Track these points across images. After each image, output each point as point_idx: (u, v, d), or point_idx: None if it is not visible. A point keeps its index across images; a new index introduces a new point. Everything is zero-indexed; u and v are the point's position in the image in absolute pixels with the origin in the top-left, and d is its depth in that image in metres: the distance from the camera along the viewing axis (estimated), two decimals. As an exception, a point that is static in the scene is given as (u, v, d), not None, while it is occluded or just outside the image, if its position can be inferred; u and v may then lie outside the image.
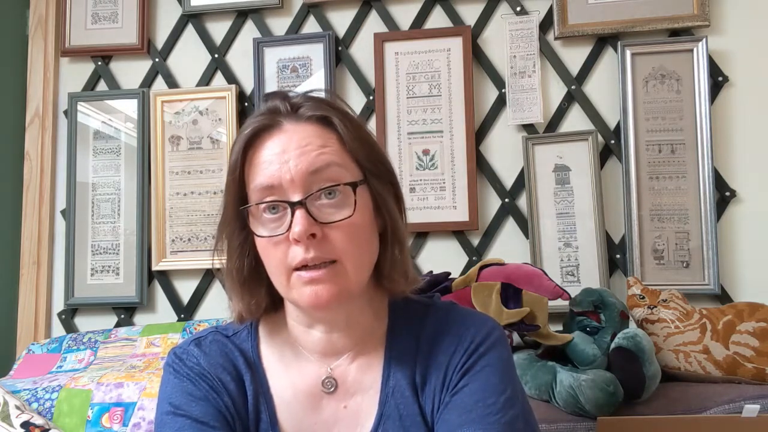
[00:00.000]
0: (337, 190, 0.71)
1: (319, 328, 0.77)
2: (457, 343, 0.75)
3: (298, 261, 0.69)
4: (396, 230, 0.76)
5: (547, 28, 1.75)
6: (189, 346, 0.79)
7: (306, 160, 0.71)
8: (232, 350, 0.79)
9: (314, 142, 0.72)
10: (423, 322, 0.79)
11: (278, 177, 0.70)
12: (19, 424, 1.30)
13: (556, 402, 1.25)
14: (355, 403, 0.76)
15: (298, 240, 0.68)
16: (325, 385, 0.76)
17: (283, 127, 0.74)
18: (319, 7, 1.83)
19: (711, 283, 1.60)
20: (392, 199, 0.78)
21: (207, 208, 1.81)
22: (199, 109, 1.84)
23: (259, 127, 0.74)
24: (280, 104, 0.75)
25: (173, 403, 0.74)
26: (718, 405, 1.20)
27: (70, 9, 1.92)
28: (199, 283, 1.81)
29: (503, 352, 0.76)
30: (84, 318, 1.86)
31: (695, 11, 1.66)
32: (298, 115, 0.74)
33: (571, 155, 1.69)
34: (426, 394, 0.74)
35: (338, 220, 0.70)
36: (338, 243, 0.70)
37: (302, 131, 0.73)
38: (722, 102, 1.66)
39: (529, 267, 1.39)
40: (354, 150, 0.74)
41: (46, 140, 1.90)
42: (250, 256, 0.76)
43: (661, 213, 1.65)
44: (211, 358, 0.78)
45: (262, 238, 0.71)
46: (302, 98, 0.76)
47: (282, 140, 0.72)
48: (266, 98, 0.78)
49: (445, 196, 1.73)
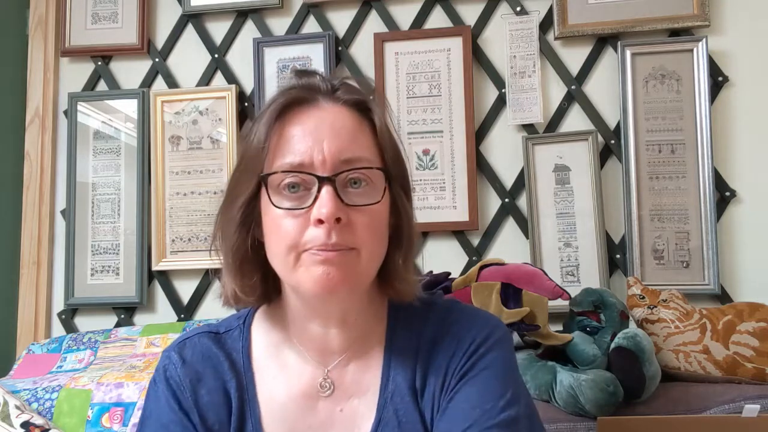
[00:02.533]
0: (363, 179, 0.69)
1: (317, 322, 0.73)
2: (457, 344, 0.72)
3: (317, 244, 0.65)
4: (409, 232, 0.75)
5: (547, 28, 1.75)
6: (172, 352, 0.77)
7: (340, 143, 0.68)
8: (217, 354, 0.76)
9: (349, 128, 0.70)
10: (424, 322, 0.76)
11: (310, 155, 0.67)
12: (19, 424, 1.30)
13: (556, 402, 1.25)
14: (351, 406, 0.73)
15: (323, 221, 0.65)
16: (321, 386, 0.73)
17: (320, 104, 0.71)
18: (319, 7, 1.83)
19: (711, 283, 1.60)
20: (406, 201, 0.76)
21: (207, 208, 1.81)
22: (199, 109, 1.84)
23: (295, 98, 0.71)
24: (320, 82, 0.73)
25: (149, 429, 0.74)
26: (718, 405, 1.20)
27: (70, 9, 1.92)
28: (199, 283, 1.81)
29: (504, 353, 0.73)
30: (84, 318, 1.86)
31: (695, 11, 1.66)
32: (336, 97, 0.72)
33: (571, 155, 1.69)
34: (426, 398, 0.71)
35: (365, 204, 0.68)
36: (360, 231, 0.67)
37: (338, 113, 0.71)
38: (722, 102, 1.66)
39: (529, 267, 1.39)
40: (384, 144, 0.72)
41: (46, 140, 1.90)
42: (251, 235, 0.72)
43: (661, 213, 1.65)
44: (189, 367, 0.75)
45: (280, 210, 0.67)
46: (340, 81, 0.74)
47: (317, 118, 0.70)
48: (299, 75, 0.75)
49: (445, 196, 1.73)
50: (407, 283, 0.74)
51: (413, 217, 0.76)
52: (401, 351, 0.74)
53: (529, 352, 1.36)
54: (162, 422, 0.73)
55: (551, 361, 1.31)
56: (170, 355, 0.77)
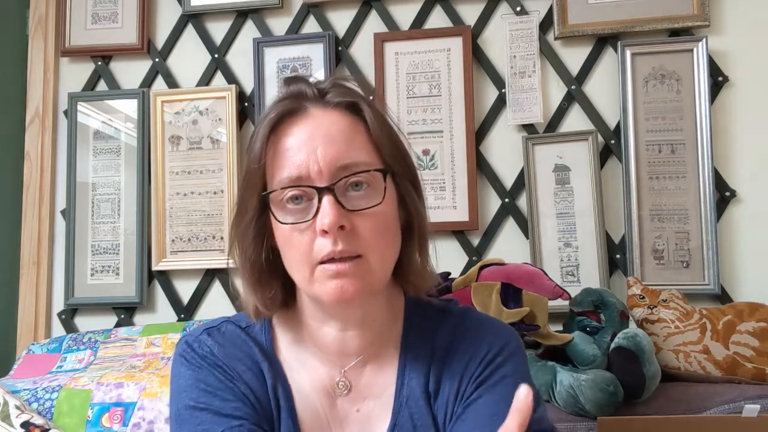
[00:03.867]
0: (364, 181, 0.68)
1: (334, 324, 0.73)
2: (473, 352, 0.72)
3: (325, 254, 0.66)
4: (420, 225, 0.74)
5: (547, 28, 1.75)
6: (201, 335, 0.76)
7: (334, 150, 0.67)
8: (246, 341, 0.76)
9: (342, 132, 0.69)
10: (438, 327, 0.76)
11: (306, 167, 0.67)
12: (19, 424, 1.30)
13: (556, 402, 1.25)
14: (367, 407, 0.73)
15: (327, 231, 0.65)
16: (339, 386, 0.74)
17: (309, 112, 0.70)
18: (319, 7, 1.83)
19: (711, 283, 1.60)
20: (415, 194, 0.75)
21: (207, 208, 1.81)
22: (199, 109, 1.84)
23: (283, 111, 0.70)
24: (306, 88, 0.72)
25: (191, 396, 0.71)
26: (718, 405, 1.20)
27: (70, 9, 1.92)
28: (199, 283, 1.81)
29: (520, 363, 0.73)
30: (84, 318, 1.86)
31: (695, 11, 1.66)
32: (325, 101, 0.71)
33: (571, 155, 1.69)
34: (439, 403, 0.72)
35: (367, 208, 0.67)
36: (365, 236, 0.67)
37: (329, 118, 0.70)
38: (722, 102, 1.66)
39: (529, 267, 1.39)
40: (380, 142, 0.71)
41: (46, 140, 1.90)
42: (266, 248, 0.72)
43: (661, 213, 1.65)
44: (225, 348, 0.75)
45: (286, 225, 0.68)
46: (329, 83, 0.73)
47: (309, 126, 0.69)
48: (288, 83, 0.74)
49: (445, 196, 1.73)
50: (423, 277, 0.75)
51: (425, 210, 0.76)
52: (416, 355, 0.74)
53: (529, 352, 1.36)
54: (207, 389, 0.71)
55: (551, 361, 1.31)
56: (200, 338, 0.76)
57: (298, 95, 0.72)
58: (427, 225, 0.75)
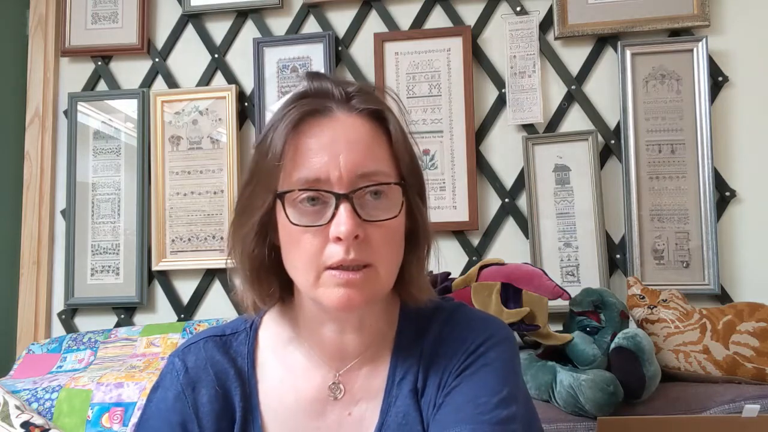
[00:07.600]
0: (383, 191, 0.68)
1: (332, 327, 0.73)
2: (458, 346, 0.72)
3: (336, 261, 0.65)
4: (426, 236, 0.74)
5: (547, 28, 1.75)
6: (175, 358, 0.77)
7: (356, 158, 0.67)
8: (220, 361, 0.75)
9: (365, 139, 0.68)
10: (429, 324, 0.75)
11: (326, 171, 0.66)
12: (19, 424, 1.30)
13: (556, 402, 1.25)
14: (359, 410, 0.73)
15: (342, 239, 0.64)
16: (332, 390, 0.73)
17: (335, 115, 0.69)
18: (319, 7, 1.83)
19: (711, 283, 1.60)
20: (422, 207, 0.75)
21: (207, 208, 1.81)
22: (199, 109, 1.84)
23: (308, 110, 0.69)
24: (332, 88, 0.70)
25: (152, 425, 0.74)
26: (718, 405, 1.20)
27: (70, 9, 1.92)
28: (199, 283, 1.81)
29: (505, 352, 0.72)
30: (84, 318, 1.86)
31: (695, 11, 1.66)
32: (351, 106, 0.70)
33: (571, 155, 1.69)
34: (425, 398, 0.72)
35: (383, 219, 0.67)
36: (377, 246, 0.66)
37: (354, 124, 0.69)
38: (722, 102, 1.66)
39: (529, 267, 1.39)
40: (401, 154, 0.71)
41: (46, 140, 1.90)
42: (268, 245, 0.71)
43: (661, 213, 1.65)
44: (192, 374, 0.75)
45: (297, 227, 0.66)
46: (355, 88, 0.72)
47: (332, 130, 0.68)
48: (311, 78, 0.72)
49: (445, 196, 1.73)
50: (421, 288, 0.74)
51: (428, 221, 0.75)
52: (407, 353, 0.74)
53: (529, 352, 1.36)
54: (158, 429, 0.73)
55: (551, 361, 1.31)
56: (174, 361, 0.77)
57: (324, 94, 0.70)
58: (430, 236, 0.75)
